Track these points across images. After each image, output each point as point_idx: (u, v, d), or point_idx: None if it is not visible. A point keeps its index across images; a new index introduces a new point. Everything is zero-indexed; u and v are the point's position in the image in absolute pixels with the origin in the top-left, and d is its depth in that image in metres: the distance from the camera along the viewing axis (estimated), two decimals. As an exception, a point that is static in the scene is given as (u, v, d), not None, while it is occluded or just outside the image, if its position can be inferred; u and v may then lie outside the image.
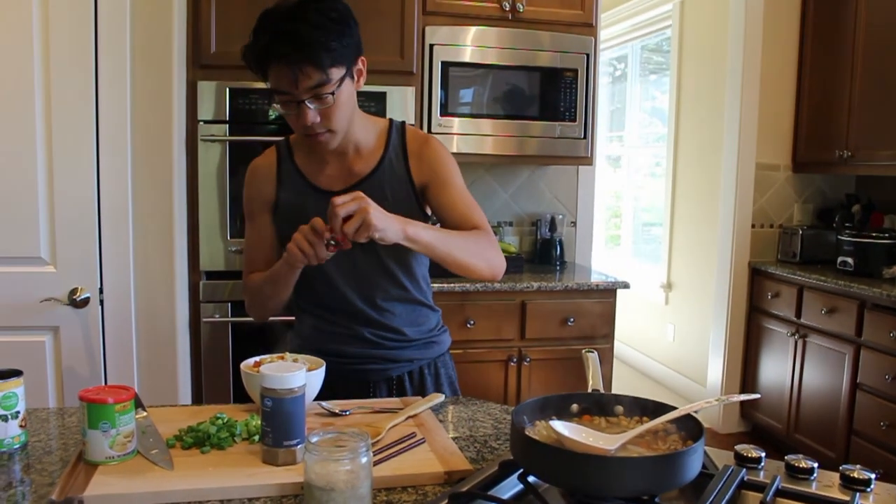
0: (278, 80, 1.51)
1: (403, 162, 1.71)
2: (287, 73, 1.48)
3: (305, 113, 1.53)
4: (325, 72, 1.49)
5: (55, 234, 2.44)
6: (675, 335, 5.39)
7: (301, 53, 1.46)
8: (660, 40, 5.91)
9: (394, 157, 1.71)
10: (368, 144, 1.71)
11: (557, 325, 3.30)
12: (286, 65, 1.47)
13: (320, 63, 1.48)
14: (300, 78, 1.48)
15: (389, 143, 1.72)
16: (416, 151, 1.72)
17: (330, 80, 1.51)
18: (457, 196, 1.70)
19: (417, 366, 1.80)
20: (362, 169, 1.70)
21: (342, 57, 1.51)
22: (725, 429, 4.45)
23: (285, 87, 1.51)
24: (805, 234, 4.10)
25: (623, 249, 6.66)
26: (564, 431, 1.11)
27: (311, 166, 1.73)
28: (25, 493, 1.17)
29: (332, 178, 1.71)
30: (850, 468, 1.17)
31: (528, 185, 3.95)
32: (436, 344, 1.83)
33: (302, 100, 1.52)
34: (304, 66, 1.47)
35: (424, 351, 1.80)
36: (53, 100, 2.39)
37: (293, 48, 1.46)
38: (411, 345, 1.78)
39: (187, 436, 1.32)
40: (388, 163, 1.70)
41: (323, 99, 1.52)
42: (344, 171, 1.71)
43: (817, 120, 4.13)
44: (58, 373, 2.50)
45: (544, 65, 3.40)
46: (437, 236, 1.54)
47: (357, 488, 1.04)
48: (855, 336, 3.42)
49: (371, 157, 1.71)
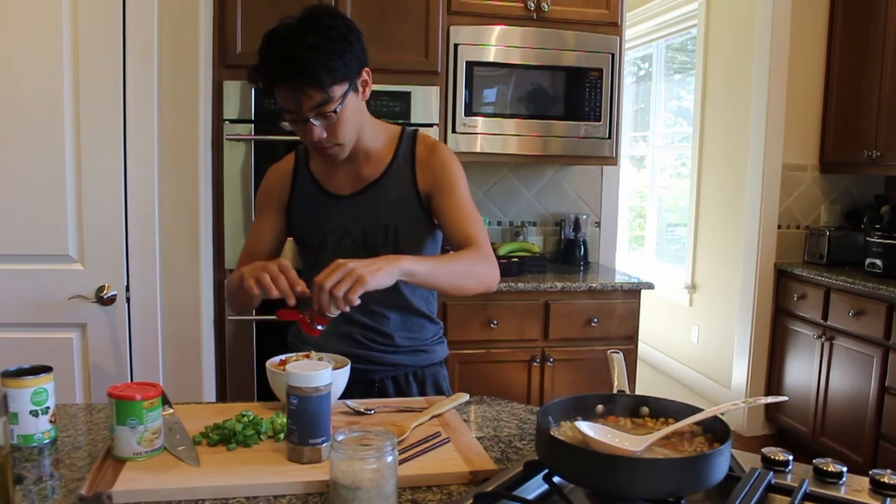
0: (283, 100, 1.56)
1: (410, 168, 1.73)
2: (290, 94, 1.52)
3: (312, 129, 1.57)
4: (325, 91, 1.52)
5: (83, 233, 2.47)
6: (699, 337, 5.35)
7: (300, 76, 1.49)
8: (685, 39, 5.87)
9: (402, 164, 1.73)
10: (378, 151, 1.74)
11: (581, 326, 3.29)
12: (288, 87, 1.51)
13: (320, 84, 1.50)
14: (303, 99, 1.52)
15: (399, 150, 1.74)
16: (424, 158, 1.73)
17: (332, 98, 1.54)
18: (457, 205, 1.69)
19: (403, 372, 1.79)
20: (370, 174, 1.73)
21: (343, 74, 1.54)
22: (750, 431, 4.41)
23: (290, 107, 1.55)
24: (832, 235, 4.06)
25: (647, 250, 6.62)
26: (590, 432, 1.10)
27: (324, 171, 1.78)
28: (55, 487, 1.18)
29: (341, 182, 1.75)
30: (881, 473, 1.15)
31: (552, 185, 3.94)
32: (426, 353, 1.82)
33: (307, 118, 1.55)
34: (305, 87, 1.51)
35: (412, 358, 1.79)
36: (82, 101, 2.43)
37: (292, 72, 1.49)
38: (399, 350, 1.77)
39: (213, 433, 1.33)
40: (395, 169, 1.73)
41: (327, 116, 1.56)
42: (352, 176, 1.75)
43: (845, 119, 4.08)
44: (85, 369, 2.53)
45: (569, 64, 3.39)
46: (432, 267, 1.51)
47: (382, 487, 1.04)
48: (883, 339, 3.37)
49: (380, 163, 1.73)
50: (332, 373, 1.35)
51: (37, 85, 2.39)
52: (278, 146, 3.02)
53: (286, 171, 1.82)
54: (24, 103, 2.39)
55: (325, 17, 1.55)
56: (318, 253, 1.75)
